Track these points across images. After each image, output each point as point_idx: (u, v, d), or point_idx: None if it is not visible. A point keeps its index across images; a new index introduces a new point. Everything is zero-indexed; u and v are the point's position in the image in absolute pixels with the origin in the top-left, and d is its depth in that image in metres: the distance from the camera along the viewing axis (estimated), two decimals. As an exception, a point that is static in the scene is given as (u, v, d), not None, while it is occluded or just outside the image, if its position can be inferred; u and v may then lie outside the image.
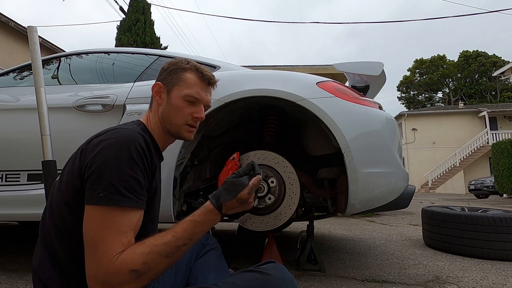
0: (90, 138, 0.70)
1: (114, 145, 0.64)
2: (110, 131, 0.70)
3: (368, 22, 74.72)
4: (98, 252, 0.59)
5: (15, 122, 1.63)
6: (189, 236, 0.65)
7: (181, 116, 0.81)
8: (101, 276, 0.58)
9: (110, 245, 0.59)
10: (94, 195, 0.61)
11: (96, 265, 0.59)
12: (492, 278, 1.66)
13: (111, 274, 0.58)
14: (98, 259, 0.59)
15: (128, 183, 0.62)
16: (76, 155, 0.70)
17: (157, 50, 2.04)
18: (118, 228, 0.60)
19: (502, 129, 18.96)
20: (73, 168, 0.67)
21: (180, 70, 0.82)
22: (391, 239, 2.78)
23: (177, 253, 0.63)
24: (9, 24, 8.52)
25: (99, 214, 0.60)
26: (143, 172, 0.66)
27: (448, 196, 13.83)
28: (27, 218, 1.57)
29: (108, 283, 0.58)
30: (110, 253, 0.58)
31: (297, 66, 9.70)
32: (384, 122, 1.51)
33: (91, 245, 0.60)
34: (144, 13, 10.22)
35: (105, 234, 0.59)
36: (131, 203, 0.62)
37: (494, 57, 32.53)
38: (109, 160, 0.62)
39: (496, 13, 11.45)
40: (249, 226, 1.42)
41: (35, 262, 0.70)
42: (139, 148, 0.66)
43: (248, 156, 1.46)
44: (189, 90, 0.81)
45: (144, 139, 0.69)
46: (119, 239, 0.60)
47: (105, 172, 0.61)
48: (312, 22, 56.66)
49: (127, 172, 0.62)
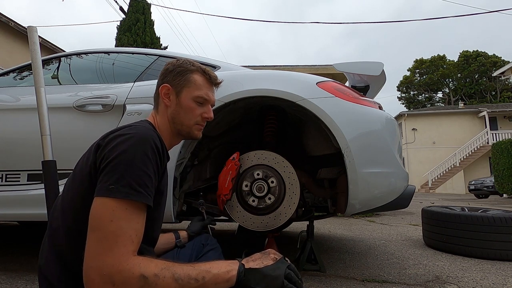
0: (105, 134, 0.70)
1: (130, 140, 0.65)
2: (126, 127, 0.71)
3: (368, 22, 74.80)
4: (106, 243, 0.57)
5: (15, 122, 1.63)
6: (202, 274, 0.61)
7: (192, 117, 0.84)
8: (107, 269, 0.55)
9: (122, 238, 0.58)
10: (104, 187, 0.60)
11: (104, 257, 0.56)
12: (492, 278, 1.66)
13: (120, 270, 0.55)
14: (107, 251, 0.56)
15: (140, 178, 0.62)
16: (90, 151, 0.70)
17: (157, 50, 2.04)
18: (128, 222, 0.60)
19: (502, 129, 18.96)
20: (87, 164, 0.67)
21: (187, 72, 0.84)
22: (391, 239, 2.78)
23: (185, 284, 0.59)
24: (9, 24, 8.52)
25: (110, 205, 0.59)
26: (155, 170, 0.67)
27: (448, 196, 13.83)
28: (27, 218, 1.57)
29: (112, 278, 0.55)
30: (121, 247, 0.57)
31: (297, 66, 9.70)
32: (384, 122, 1.51)
33: (99, 236, 0.58)
34: (144, 13, 10.22)
35: (116, 226, 0.58)
36: (141, 198, 0.62)
37: (494, 57, 32.53)
38: (123, 154, 0.63)
39: (496, 13, 11.45)
40: (249, 226, 1.42)
41: (41, 260, 0.70)
42: (154, 146, 0.67)
43: (248, 156, 1.46)
44: (199, 92, 0.84)
45: (158, 138, 0.71)
46: (129, 233, 0.59)
47: (118, 165, 0.62)
48: (312, 22, 56.74)
49: (140, 167, 0.63)
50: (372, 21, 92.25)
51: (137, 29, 9.88)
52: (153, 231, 0.76)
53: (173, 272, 0.59)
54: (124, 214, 0.59)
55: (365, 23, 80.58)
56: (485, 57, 32.55)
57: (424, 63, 35.31)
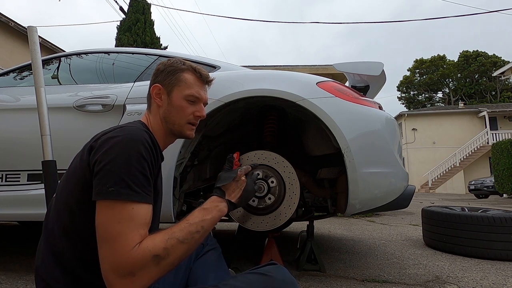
0: (97, 136, 0.70)
1: (123, 141, 0.65)
2: (118, 128, 0.71)
3: (368, 22, 74.70)
4: (116, 244, 0.58)
5: (15, 122, 1.63)
6: (200, 223, 0.69)
7: (183, 116, 0.83)
8: (124, 266, 0.57)
9: (131, 236, 0.59)
10: (103, 190, 0.61)
11: (117, 258, 0.58)
12: (492, 278, 1.66)
13: (134, 262, 0.57)
14: (117, 251, 0.58)
15: (138, 179, 0.63)
16: (83, 153, 0.70)
17: (157, 50, 2.04)
18: (135, 221, 0.61)
19: (502, 129, 18.95)
20: (80, 167, 0.67)
21: (178, 71, 0.84)
22: (391, 239, 2.78)
23: (192, 240, 0.66)
24: (9, 24, 8.52)
25: (114, 208, 0.60)
26: (150, 168, 0.67)
27: (448, 196, 13.82)
28: (27, 218, 1.57)
29: (131, 273, 0.57)
30: (130, 244, 0.59)
31: (297, 66, 9.70)
32: (384, 122, 1.51)
33: (109, 238, 0.59)
34: (144, 13, 10.20)
35: (123, 226, 0.59)
36: (141, 198, 0.63)
37: (494, 57, 32.50)
38: (119, 156, 0.63)
39: (496, 13, 11.44)
40: (249, 226, 1.42)
41: (37, 261, 0.70)
42: (147, 145, 0.68)
43: (248, 156, 1.46)
44: (190, 90, 0.83)
45: (150, 136, 0.71)
46: (137, 230, 0.60)
47: (115, 167, 0.62)
48: (312, 22, 56.72)
49: (136, 167, 0.63)
50: (372, 21, 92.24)
51: (137, 29, 9.87)
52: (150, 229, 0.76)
53: (177, 237, 0.63)
54: (130, 214, 0.61)
55: (365, 23, 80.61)
56: (485, 57, 32.52)
57: (424, 63, 35.29)
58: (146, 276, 0.59)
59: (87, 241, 0.65)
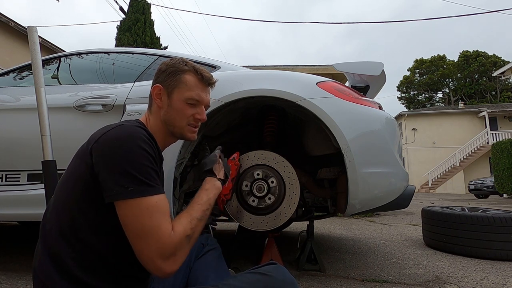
0: (96, 136, 0.69)
1: (125, 140, 0.66)
2: (115, 128, 0.70)
3: (368, 22, 74.75)
4: (156, 236, 0.62)
5: (15, 122, 1.63)
6: (208, 202, 0.80)
7: (183, 118, 0.82)
8: (168, 251, 0.63)
9: (164, 225, 0.64)
10: (121, 191, 0.63)
11: (160, 245, 0.62)
12: (492, 278, 1.66)
13: (175, 245, 0.64)
14: (159, 240, 0.62)
15: (149, 174, 0.66)
16: (83, 154, 0.69)
17: (157, 50, 2.04)
18: (161, 211, 0.65)
19: (502, 129, 18.95)
20: (81, 168, 0.67)
21: (179, 72, 0.82)
22: (391, 239, 2.78)
23: (205, 217, 0.76)
24: (9, 24, 8.52)
25: (140, 205, 0.63)
26: (156, 161, 0.70)
27: (448, 196, 13.82)
28: (27, 218, 1.57)
29: (173, 253, 0.64)
30: (167, 232, 0.64)
31: (297, 66, 9.70)
32: (384, 122, 1.51)
33: (146, 233, 0.62)
34: (144, 13, 10.20)
35: (155, 219, 0.63)
36: (158, 190, 0.66)
37: (494, 57, 32.49)
38: (126, 155, 0.65)
39: (496, 13, 11.45)
40: (249, 226, 1.42)
41: (35, 262, 0.70)
42: (147, 140, 0.69)
43: (248, 156, 1.46)
44: (190, 93, 0.82)
45: (146, 131, 0.72)
46: (166, 219, 0.65)
47: (126, 167, 0.64)
48: (312, 22, 56.76)
49: (145, 164, 0.66)
50: (372, 21, 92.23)
51: (137, 29, 9.86)
52: None
53: (196, 217, 0.73)
54: (158, 207, 0.65)
55: (365, 23, 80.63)
56: (485, 57, 32.51)
57: (424, 63, 35.29)
58: (184, 253, 0.67)
59: (85, 242, 0.65)
